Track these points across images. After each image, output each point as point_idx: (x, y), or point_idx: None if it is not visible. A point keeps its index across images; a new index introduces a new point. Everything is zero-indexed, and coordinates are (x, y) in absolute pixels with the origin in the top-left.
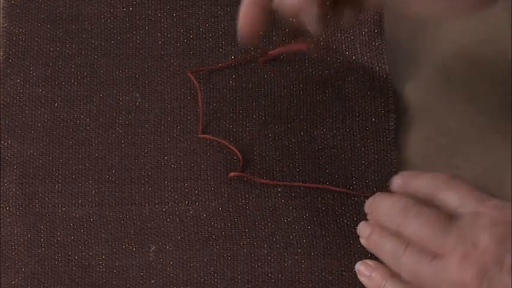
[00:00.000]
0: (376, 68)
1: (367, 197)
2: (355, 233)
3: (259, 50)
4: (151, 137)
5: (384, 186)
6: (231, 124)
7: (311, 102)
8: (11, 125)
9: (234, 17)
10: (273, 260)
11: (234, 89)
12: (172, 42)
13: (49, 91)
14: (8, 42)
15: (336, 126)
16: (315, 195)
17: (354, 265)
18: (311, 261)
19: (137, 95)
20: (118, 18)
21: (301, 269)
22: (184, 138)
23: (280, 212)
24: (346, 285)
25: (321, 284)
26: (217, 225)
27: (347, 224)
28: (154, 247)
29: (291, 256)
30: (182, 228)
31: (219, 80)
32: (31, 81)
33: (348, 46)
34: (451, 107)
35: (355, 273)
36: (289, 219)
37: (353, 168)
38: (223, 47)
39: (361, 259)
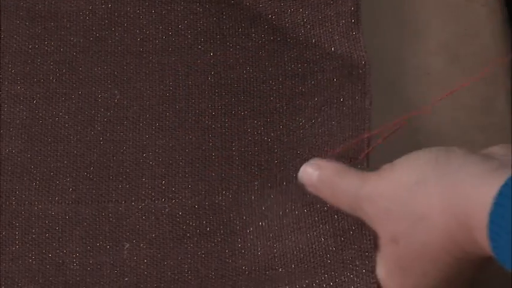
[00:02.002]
0: (354, 57)
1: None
2: (323, 202)
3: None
4: (130, 134)
5: (357, 158)
6: (209, 120)
7: (290, 95)
8: None
9: (212, 14)
10: (246, 252)
11: (213, 85)
12: (151, 39)
13: (28, 88)
14: None
15: (314, 116)
16: (291, 180)
17: (323, 234)
18: (282, 242)
19: (116, 92)
20: (97, 15)
21: (274, 254)
22: (162, 135)
23: (255, 203)
24: (317, 259)
25: (293, 265)
26: (192, 223)
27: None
28: (128, 245)
29: (263, 243)
30: (157, 226)
31: (197, 76)
32: (9, 78)
33: (327, 39)
34: (430, 103)
35: (324, 244)
36: (263, 208)
37: (328, 148)
38: (202, 44)
39: (330, 227)
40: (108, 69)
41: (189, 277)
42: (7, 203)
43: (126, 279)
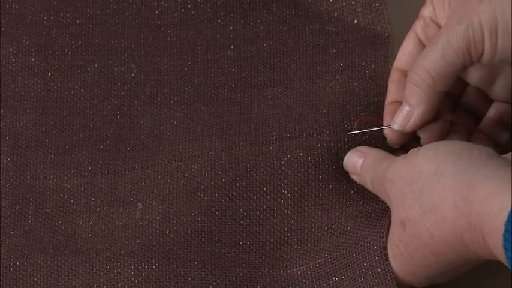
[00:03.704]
0: (377, 28)
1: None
2: (351, 184)
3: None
4: (148, 109)
5: (382, 124)
6: (228, 92)
7: (311, 63)
8: (3, 95)
9: None
10: (261, 215)
11: (232, 59)
12: (169, 12)
13: (42, 60)
14: (1, 11)
15: (335, 78)
16: (311, 133)
17: (344, 216)
18: (300, 215)
19: (133, 65)
20: None
21: (291, 225)
22: (181, 109)
23: (273, 154)
24: (333, 239)
25: (309, 243)
26: (207, 175)
27: (341, 163)
28: (141, 205)
29: (281, 210)
30: (171, 182)
31: (216, 51)
32: (24, 50)
33: (350, 11)
34: None
35: (344, 225)
36: (282, 162)
37: (351, 108)
38: (222, 18)
39: (353, 210)
40: (125, 42)
41: (203, 240)
42: (21, 177)
43: (137, 241)
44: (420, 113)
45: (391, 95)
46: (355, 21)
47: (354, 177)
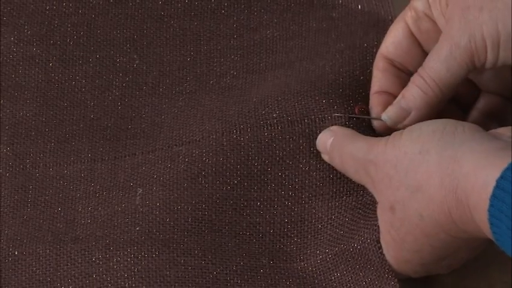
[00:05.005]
0: (381, 13)
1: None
2: None
3: None
4: (149, 99)
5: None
6: (230, 80)
7: (312, 46)
8: (3, 84)
9: None
10: (262, 206)
11: (235, 48)
12: (172, 2)
13: (44, 50)
14: (2, 0)
15: (335, 57)
16: (313, 117)
17: (344, 206)
18: (301, 206)
19: (135, 56)
20: None
21: (291, 217)
22: (182, 99)
23: (275, 142)
24: (333, 231)
25: (310, 235)
26: (209, 161)
27: None
28: (141, 190)
29: (281, 201)
30: (171, 167)
31: (219, 40)
32: (25, 40)
33: None
34: None
35: (342, 216)
36: (284, 152)
37: (350, 93)
38: (226, 8)
39: (353, 200)
40: (128, 33)
41: (203, 228)
42: (21, 166)
43: (137, 228)
44: (419, 115)
45: (378, 83)
46: (359, 6)
47: (325, 157)
